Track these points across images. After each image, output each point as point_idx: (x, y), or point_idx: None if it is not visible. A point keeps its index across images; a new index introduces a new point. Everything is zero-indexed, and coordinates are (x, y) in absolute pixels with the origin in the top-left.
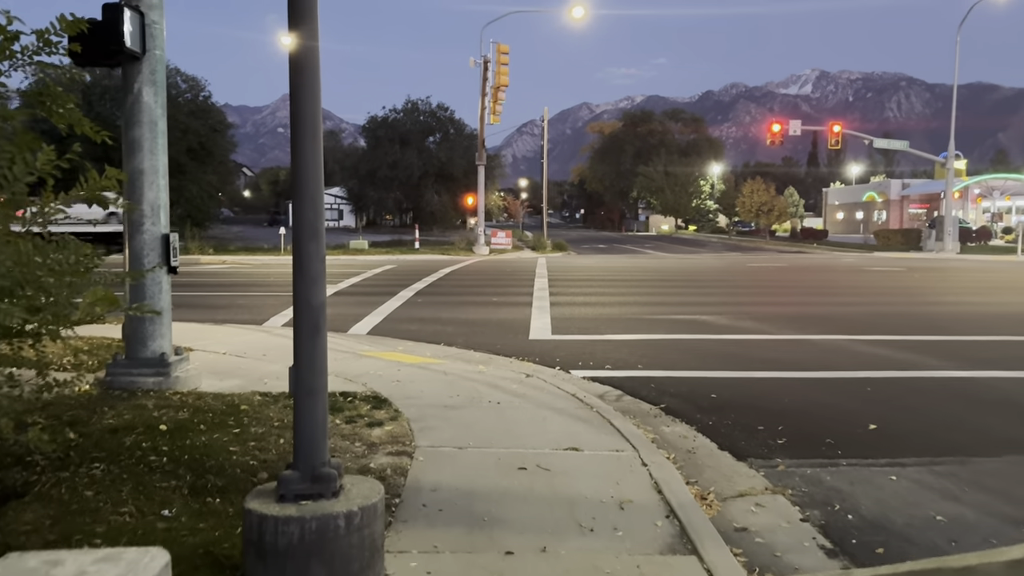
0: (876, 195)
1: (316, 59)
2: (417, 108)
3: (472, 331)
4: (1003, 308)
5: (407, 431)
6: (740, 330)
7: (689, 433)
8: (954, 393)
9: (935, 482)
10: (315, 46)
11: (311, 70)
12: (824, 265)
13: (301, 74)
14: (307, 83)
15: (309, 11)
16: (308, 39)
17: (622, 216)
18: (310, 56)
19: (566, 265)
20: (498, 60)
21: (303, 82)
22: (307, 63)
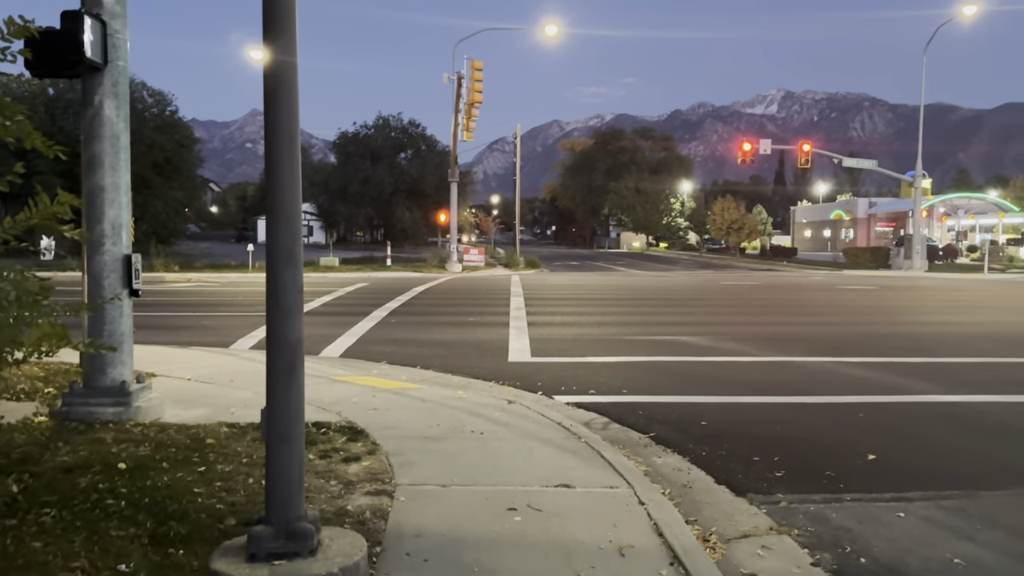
0: (843, 213)
1: (294, 71)
2: (388, 124)
3: (449, 353)
4: (981, 328)
5: (386, 466)
6: (723, 351)
7: (683, 465)
8: (948, 419)
9: (946, 519)
10: (293, 61)
11: (288, 82)
12: (797, 283)
13: (279, 86)
14: (284, 94)
15: (286, 23)
16: (285, 54)
17: (593, 233)
18: (288, 69)
19: (541, 283)
20: (472, 76)
21: (281, 94)
22: (285, 75)
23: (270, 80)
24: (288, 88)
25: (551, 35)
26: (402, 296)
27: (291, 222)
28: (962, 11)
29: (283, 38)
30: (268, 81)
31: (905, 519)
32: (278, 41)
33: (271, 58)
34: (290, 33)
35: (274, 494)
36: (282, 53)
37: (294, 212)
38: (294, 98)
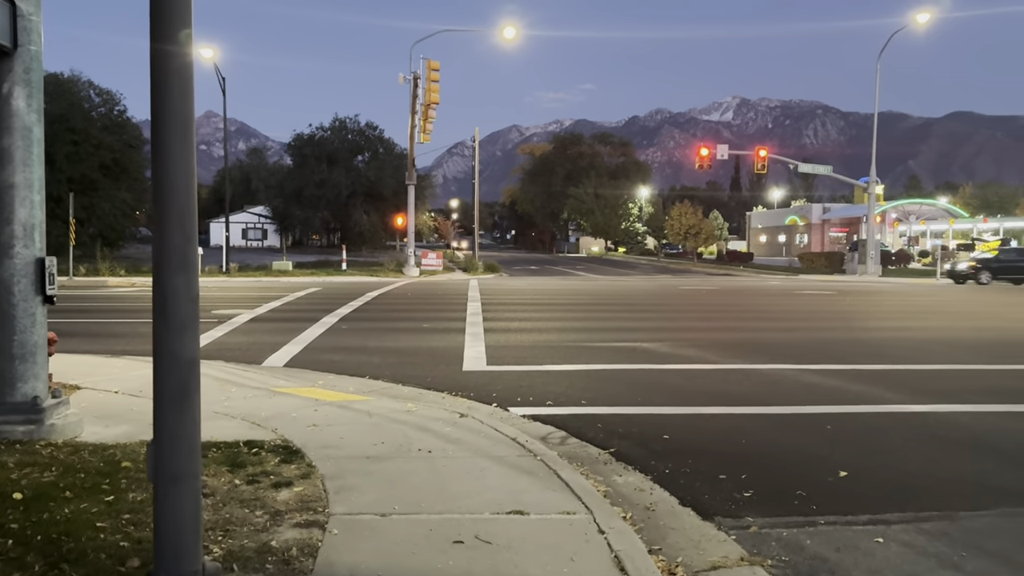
0: (798, 219)
1: (189, 41)
2: (345, 126)
3: (401, 362)
4: (939, 333)
5: (321, 493)
6: (683, 359)
7: (645, 484)
8: (918, 431)
9: (928, 545)
10: (188, 32)
11: (182, 57)
12: (754, 288)
13: (170, 58)
14: (176, 69)
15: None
16: (178, 26)
17: (553, 237)
18: (183, 40)
19: (499, 288)
20: (428, 77)
21: (171, 67)
22: (177, 49)
23: (159, 54)
24: (182, 61)
25: (509, 38)
26: (355, 301)
27: (183, 220)
28: (915, 19)
29: (175, 12)
30: (157, 55)
31: (885, 545)
32: (170, 14)
33: (161, 30)
34: (184, 4)
35: (163, 544)
36: (175, 26)
37: (187, 209)
38: (188, 76)
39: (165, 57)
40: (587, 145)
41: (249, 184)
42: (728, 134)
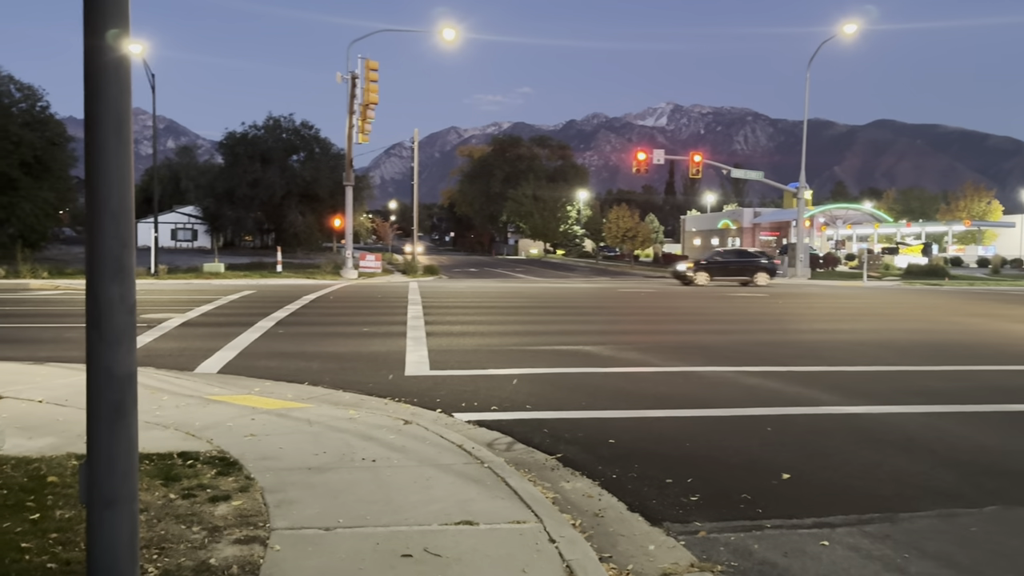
0: (730, 223)
1: (126, 40)
2: (280, 125)
3: (341, 367)
4: (870, 335)
5: (261, 507)
6: (626, 362)
7: (593, 490)
8: (856, 432)
9: (872, 548)
10: (126, 26)
11: (117, 51)
12: (691, 291)
13: (106, 47)
14: (112, 60)
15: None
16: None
17: (492, 240)
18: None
19: (440, 290)
20: (367, 76)
21: (108, 58)
22: (114, 37)
23: (94, 49)
24: (119, 56)
25: (449, 40)
26: (292, 305)
27: (119, 225)
28: (843, 30)
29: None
30: (92, 50)
31: (831, 549)
32: (106, 6)
33: (97, 24)
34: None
35: (97, 571)
36: (112, 19)
37: (123, 212)
38: (125, 72)
39: (101, 52)
40: (526, 148)
41: (178, 183)
42: (662, 139)
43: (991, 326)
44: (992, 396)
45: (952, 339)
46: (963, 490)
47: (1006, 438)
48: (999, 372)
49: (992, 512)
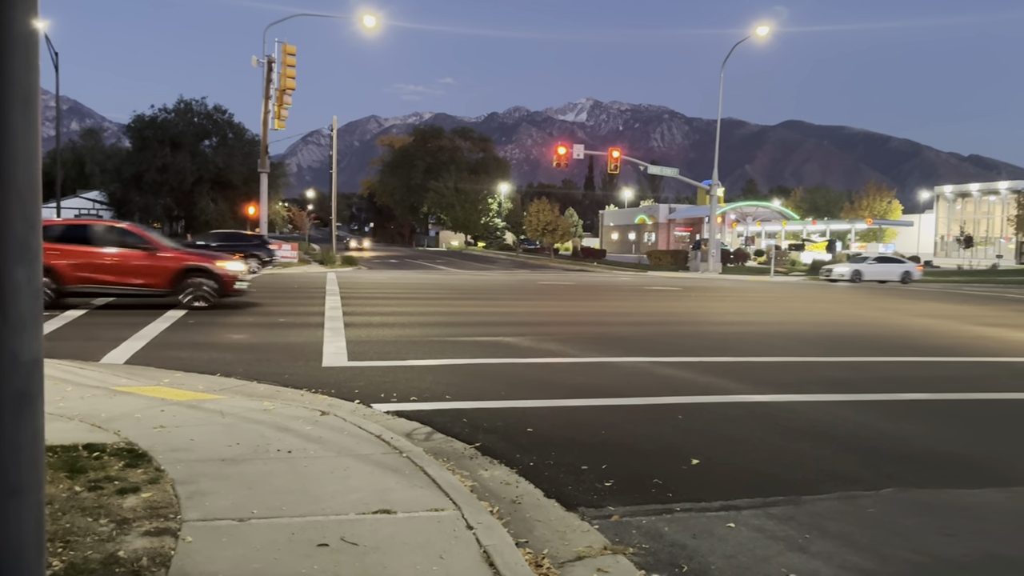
0: (646, 218)
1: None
2: (191, 109)
3: (255, 358)
4: (777, 328)
5: (172, 498)
6: (545, 353)
7: (511, 478)
8: (762, 420)
9: (777, 529)
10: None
11: (26, 21)
12: (608, 284)
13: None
14: (19, 32)
15: None
16: None
17: (412, 231)
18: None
19: (359, 281)
20: (284, 61)
21: (15, 31)
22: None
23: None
24: (27, 27)
25: (369, 27)
26: None
27: (26, 205)
28: (756, 32)
29: None
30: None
31: (737, 530)
32: None
33: None
34: None
35: (2, 565)
36: None
37: (30, 193)
38: (33, 44)
39: (8, 22)
40: (447, 139)
41: (83, 168)
42: (582, 134)
43: (889, 320)
44: (889, 385)
45: (853, 332)
46: (862, 474)
47: (901, 425)
48: (895, 363)
49: (888, 494)
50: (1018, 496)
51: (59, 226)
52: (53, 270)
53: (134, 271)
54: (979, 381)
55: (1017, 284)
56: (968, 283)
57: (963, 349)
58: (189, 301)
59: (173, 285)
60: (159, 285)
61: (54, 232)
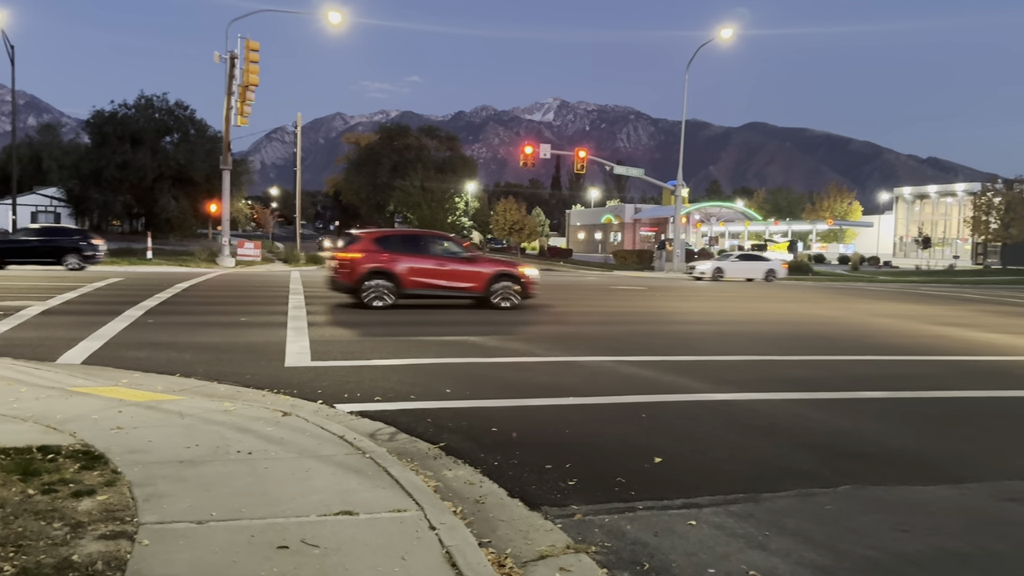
0: (613, 218)
1: None
2: (152, 104)
3: (216, 358)
4: (739, 327)
5: (128, 501)
6: (511, 352)
7: (475, 478)
8: (723, 418)
9: (737, 527)
10: None
11: None
12: (574, 283)
13: None
14: None
15: None
16: None
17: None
18: None
19: (322, 280)
20: (247, 57)
21: None
22: None
23: None
24: None
25: (334, 23)
26: (163, 293)
27: None
28: (720, 35)
29: None
30: None
31: (698, 528)
32: None
33: None
34: None
35: None
36: None
37: None
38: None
39: None
40: (414, 137)
41: (40, 163)
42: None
43: (849, 319)
44: (848, 384)
45: (813, 331)
46: (821, 471)
47: (858, 422)
48: (854, 361)
49: (845, 491)
50: (970, 493)
51: (396, 236)
52: (394, 275)
53: (457, 276)
54: (935, 379)
55: (973, 284)
56: (926, 283)
57: (920, 348)
58: (498, 302)
59: (487, 288)
60: (476, 289)
61: (392, 242)
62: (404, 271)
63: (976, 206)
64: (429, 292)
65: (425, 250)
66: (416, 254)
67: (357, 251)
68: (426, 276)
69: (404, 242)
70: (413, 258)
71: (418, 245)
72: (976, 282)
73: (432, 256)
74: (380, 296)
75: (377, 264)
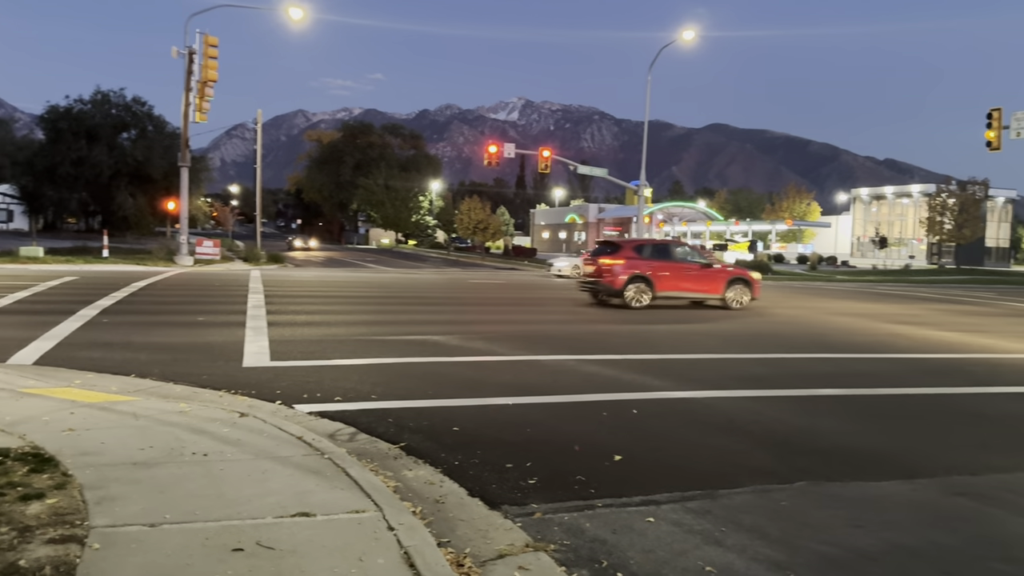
0: (577, 217)
1: None
2: (109, 100)
3: (172, 358)
4: (699, 326)
5: (79, 504)
6: (473, 351)
7: (435, 477)
8: (683, 416)
9: (694, 523)
10: None
11: None
12: (537, 283)
13: None
14: None
15: None
16: None
17: (342, 228)
18: None
19: (284, 279)
20: (206, 52)
21: None
22: None
23: None
24: None
25: (296, 19)
26: (119, 292)
27: None
28: (682, 36)
29: None
30: None
31: (656, 525)
32: None
33: None
34: None
35: None
36: None
37: None
38: None
39: None
40: (377, 135)
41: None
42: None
43: (806, 317)
44: (803, 381)
45: (771, 329)
46: (776, 468)
47: (814, 420)
48: (810, 359)
49: (800, 487)
50: (922, 488)
51: (649, 245)
52: (650, 280)
53: (701, 281)
54: (889, 377)
55: (928, 283)
56: (882, 282)
57: (875, 346)
58: (733, 304)
59: (724, 292)
60: (715, 291)
61: (647, 250)
62: (658, 277)
63: (931, 207)
64: (677, 295)
65: (673, 257)
66: (666, 261)
67: (620, 258)
68: (676, 281)
69: (656, 251)
70: (664, 265)
71: (667, 253)
72: (931, 281)
73: (679, 263)
74: (639, 298)
75: (637, 270)
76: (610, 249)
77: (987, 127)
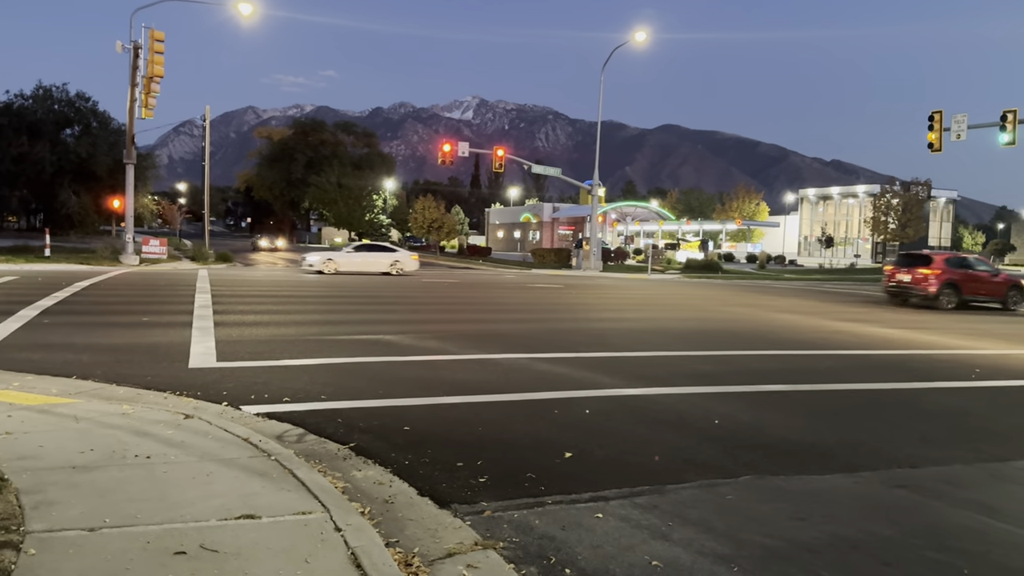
0: (531, 216)
1: None
2: (51, 95)
3: (116, 360)
4: (650, 324)
5: (15, 509)
6: (425, 351)
7: (384, 477)
8: (633, 413)
9: (641, 518)
10: None
11: None
12: (492, 282)
13: None
14: None
15: None
16: None
17: (293, 227)
18: None
19: (232, 278)
20: (151, 47)
21: None
22: None
23: None
24: None
25: (245, 14)
26: (61, 292)
27: None
28: (634, 38)
29: None
30: None
31: (604, 520)
32: None
33: None
34: None
35: None
36: None
37: None
38: None
39: None
40: (330, 133)
41: None
42: (469, 132)
43: (755, 315)
44: (750, 378)
45: (720, 327)
46: (723, 462)
47: (760, 415)
48: (757, 356)
49: (746, 481)
50: (864, 481)
51: (954, 258)
52: (957, 286)
53: (989, 286)
54: (833, 373)
55: (872, 282)
56: (828, 281)
57: (820, 343)
58: (1013, 308)
59: (1004, 295)
60: (998, 296)
61: (952, 262)
62: (964, 284)
63: (875, 207)
64: (975, 299)
65: (971, 267)
66: (966, 270)
67: (936, 269)
68: (975, 286)
69: (959, 263)
70: (965, 273)
71: (965, 264)
72: (875, 280)
73: (974, 271)
74: (950, 301)
75: (950, 278)
76: (921, 262)
77: (929, 129)
